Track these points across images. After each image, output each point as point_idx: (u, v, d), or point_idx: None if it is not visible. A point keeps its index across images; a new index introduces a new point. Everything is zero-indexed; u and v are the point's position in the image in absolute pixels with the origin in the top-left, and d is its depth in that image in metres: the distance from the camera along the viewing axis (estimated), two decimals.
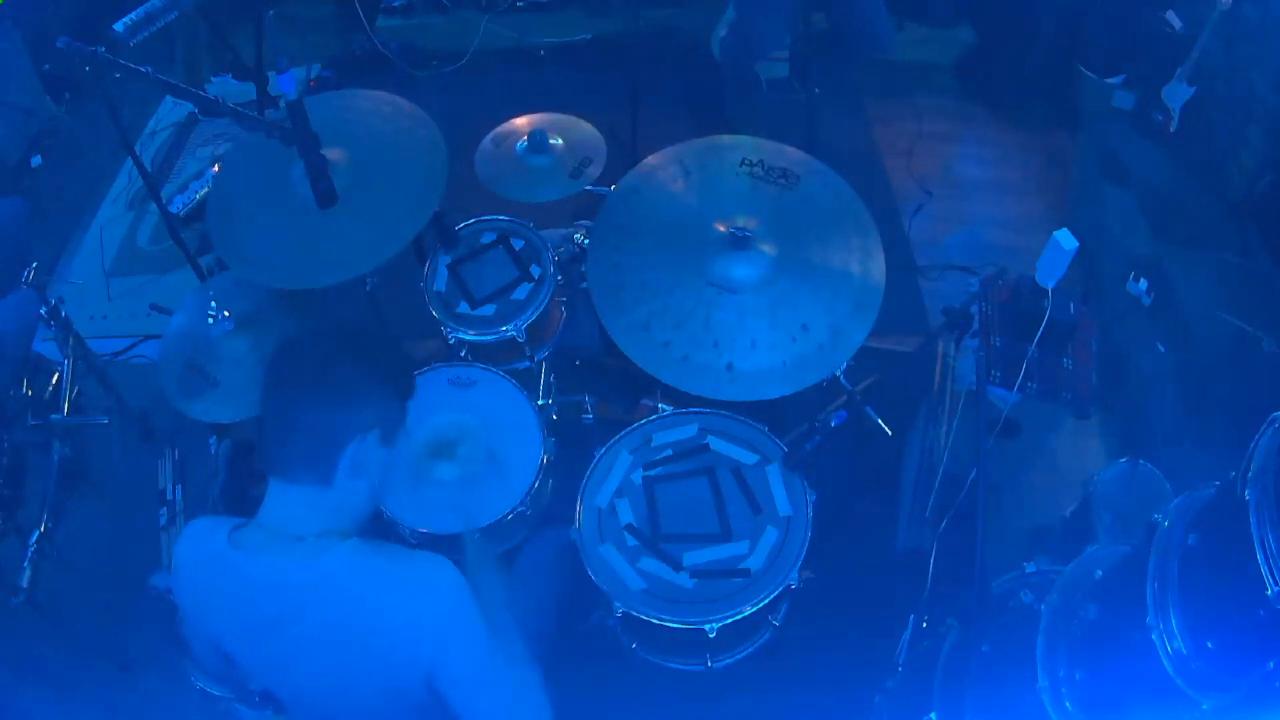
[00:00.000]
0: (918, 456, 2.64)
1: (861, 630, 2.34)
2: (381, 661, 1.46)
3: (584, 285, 2.36)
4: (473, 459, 2.18)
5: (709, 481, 2.15)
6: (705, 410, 2.24)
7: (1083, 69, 3.73)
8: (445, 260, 2.53)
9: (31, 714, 2.29)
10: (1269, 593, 1.14)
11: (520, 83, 4.26)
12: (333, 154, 2.29)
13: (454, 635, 1.45)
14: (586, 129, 2.66)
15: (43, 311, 2.66)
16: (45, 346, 2.90)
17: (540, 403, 2.38)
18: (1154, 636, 1.32)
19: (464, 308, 2.46)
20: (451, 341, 2.43)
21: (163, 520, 2.79)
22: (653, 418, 2.25)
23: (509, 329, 2.39)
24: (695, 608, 1.97)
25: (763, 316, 2.13)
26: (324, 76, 4.31)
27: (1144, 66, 3.53)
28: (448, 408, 2.26)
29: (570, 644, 2.10)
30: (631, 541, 2.07)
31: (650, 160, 2.40)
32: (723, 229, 2.21)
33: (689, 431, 2.23)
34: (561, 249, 2.55)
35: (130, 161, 2.65)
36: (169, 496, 2.83)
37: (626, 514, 2.11)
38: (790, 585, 2.01)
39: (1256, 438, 1.24)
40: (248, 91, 3.44)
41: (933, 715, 1.87)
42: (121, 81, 2.29)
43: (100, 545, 2.80)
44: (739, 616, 1.96)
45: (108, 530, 2.85)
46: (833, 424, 2.10)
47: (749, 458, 2.17)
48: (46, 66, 4.07)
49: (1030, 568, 1.97)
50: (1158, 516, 1.42)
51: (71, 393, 2.84)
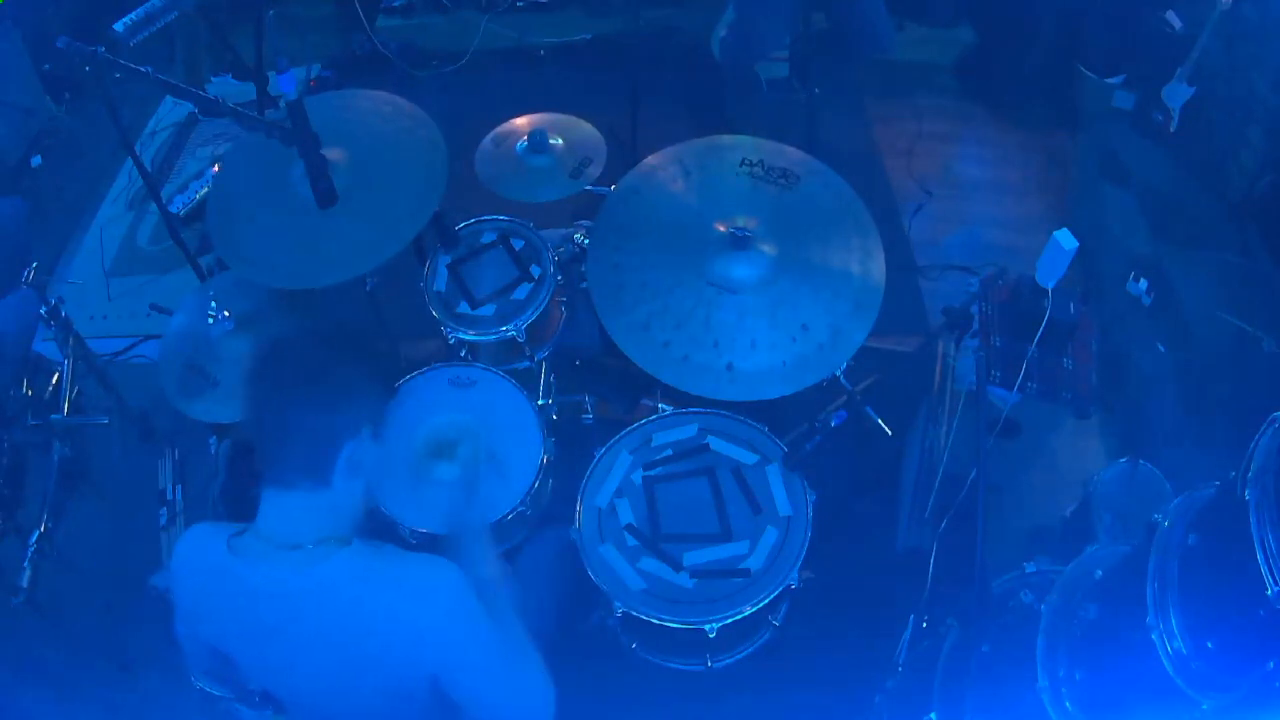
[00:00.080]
0: (918, 456, 2.64)
1: (861, 630, 2.35)
2: (383, 663, 1.46)
3: (584, 285, 2.36)
4: (473, 459, 2.18)
5: (709, 481, 2.15)
6: (705, 410, 2.24)
7: (1083, 69, 3.73)
8: (445, 260, 2.53)
9: (31, 714, 2.29)
10: (1269, 593, 1.14)
11: (520, 83, 4.25)
12: (333, 154, 2.29)
13: (457, 635, 1.45)
14: (586, 129, 2.66)
15: (43, 311, 2.66)
16: (45, 346, 2.90)
17: (540, 403, 2.38)
18: (1154, 636, 1.32)
19: (464, 308, 2.46)
20: (451, 341, 2.43)
21: (163, 520, 2.79)
22: (653, 418, 2.25)
23: (509, 329, 2.39)
24: (695, 608, 1.97)
25: (763, 316, 2.13)
26: (324, 76, 4.31)
27: (1144, 66, 3.53)
28: (448, 408, 2.26)
29: (570, 644, 2.10)
30: (631, 541, 2.07)
31: (650, 160, 2.40)
32: (723, 229, 2.21)
33: (689, 431, 2.23)
34: (561, 249, 2.55)
35: (130, 161, 2.66)
36: (169, 496, 2.84)
37: (626, 514, 2.11)
38: (790, 585, 2.01)
39: (1256, 438, 1.24)
40: (248, 91, 3.44)
41: (933, 715, 1.87)
42: (121, 81, 2.30)
43: (100, 545, 2.80)
44: (739, 616, 1.96)
45: (108, 530, 2.85)
46: (833, 424, 2.10)
47: (749, 458, 2.17)
48: (46, 66, 4.07)
49: (1030, 568, 1.97)
50: (1158, 516, 1.42)
51: (71, 393, 2.84)
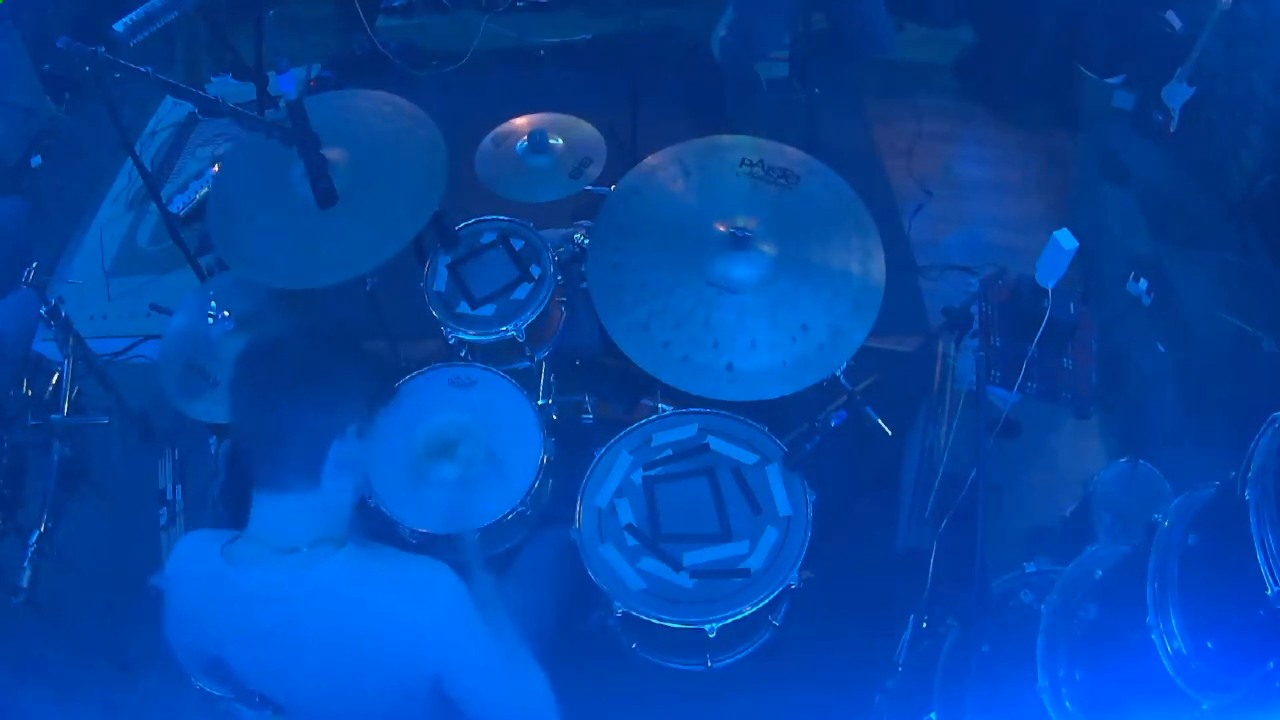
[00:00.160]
0: (918, 456, 2.64)
1: (861, 630, 2.35)
2: (383, 666, 1.46)
3: (584, 285, 2.36)
4: (473, 459, 2.18)
5: (709, 481, 2.14)
6: (705, 410, 2.24)
7: (1083, 69, 3.73)
8: (445, 260, 2.53)
9: (31, 714, 2.29)
10: (1269, 593, 1.14)
11: (520, 83, 4.25)
12: (333, 154, 2.29)
13: (455, 636, 1.45)
14: (586, 129, 2.66)
15: (43, 311, 2.66)
16: (45, 346, 2.90)
17: (540, 403, 2.38)
18: (1154, 636, 1.32)
19: (464, 308, 2.46)
20: (451, 341, 2.43)
21: (163, 520, 2.79)
22: (653, 418, 2.25)
23: (509, 329, 2.39)
24: (695, 608, 1.97)
25: (763, 316, 2.13)
26: (324, 76, 4.31)
27: (1144, 66, 3.52)
28: (448, 408, 2.26)
29: (570, 644, 2.10)
30: (631, 541, 2.07)
31: (650, 160, 2.40)
32: (723, 229, 2.21)
33: (689, 431, 2.23)
34: (561, 249, 2.55)
35: (130, 161, 2.65)
36: (169, 496, 2.84)
37: (626, 514, 2.11)
38: (790, 585, 2.01)
39: (1256, 438, 1.25)
40: (248, 91, 3.44)
41: (933, 715, 1.87)
42: (121, 81, 2.30)
43: (100, 545, 2.80)
44: (739, 616, 1.96)
45: (108, 530, 2.85)
46: (833, 424, 2.10)
47: (749, 458, 2.17)
48: (46, 66, 4.07)
49: (1030, 568, 1.97)
50: (1158, 516, 1.43)
51: (71, 393, 2.84)
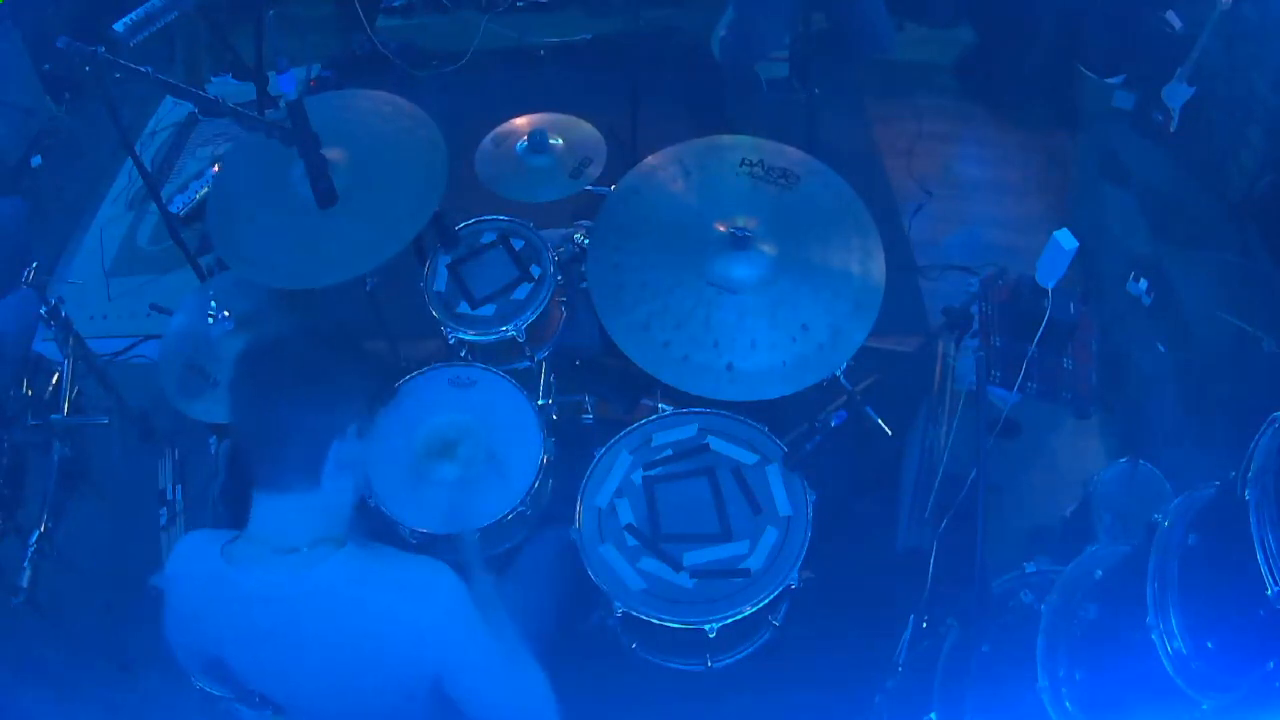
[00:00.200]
0: (918, 456, 2.64)
1: (861, 630, 2.35)
2: (383, 666, 1.46)
3: (584, 285, 2.36)
4: (473, 459, 2.18)
5: (709, 481, 2.14)
6: (705, 410, 2.24)
7: (1083, 69, 3.73)
8: (445, 260, 2.53)
9: (31, 714, 2.29)
10: (1269, 593, 1.14)
11: (520, 83, 4.25)
12: (333, 154, 2.29)
13: (455, 636, 1.45)
14: (586, 129, 2.66)
15: (43, 311, 2.66)
16: (45, 346, 2.90)
17: (540, 403, 2.38)
18: (1154, 636, 1.32)
19: (464, 308, 2.45)
20: (451, 341, 2.43)
21: (163, 520, 2.79)
22: (653, 418, 2.25)
23: (509, 329, 2.39)
24: (695, 608, 1.97)
25: (763, 316, 2.13)
26: (324, 76, 4.31)
27: (1144, 66, 3.52)
28: (448, 408, 2.26)
29: (570, 644, 2.10)
30: (631, 541, 2.07)
31: (650, 160, 2.40)
32: (723, 229, 2.21)
33: (689, 431, 2.23)
34: (561, 249, 2.55)
35: (130, 161, 2.65)
36: (169, 496, 2.84)
37: (626, 514, 2.11)
38: (790, 585, 2.01)
39: (1256, 438, 1.25)
40: (248, 91, 3.44)
41: (933, 715, 1.87)
42: (121, 81, 2.30)
43: (100, 545, 2.80)
44: (739, 616, 1.96)
45: (108, 530, 2.85)
46: (833, 424, 2.10)
47: (749, 458, 2.17)
48: (46, 66, 4.07)
49: (1030, 568, 1.97)
50: (1158, 516, 1.43)
51: (71, 393, 2.84)
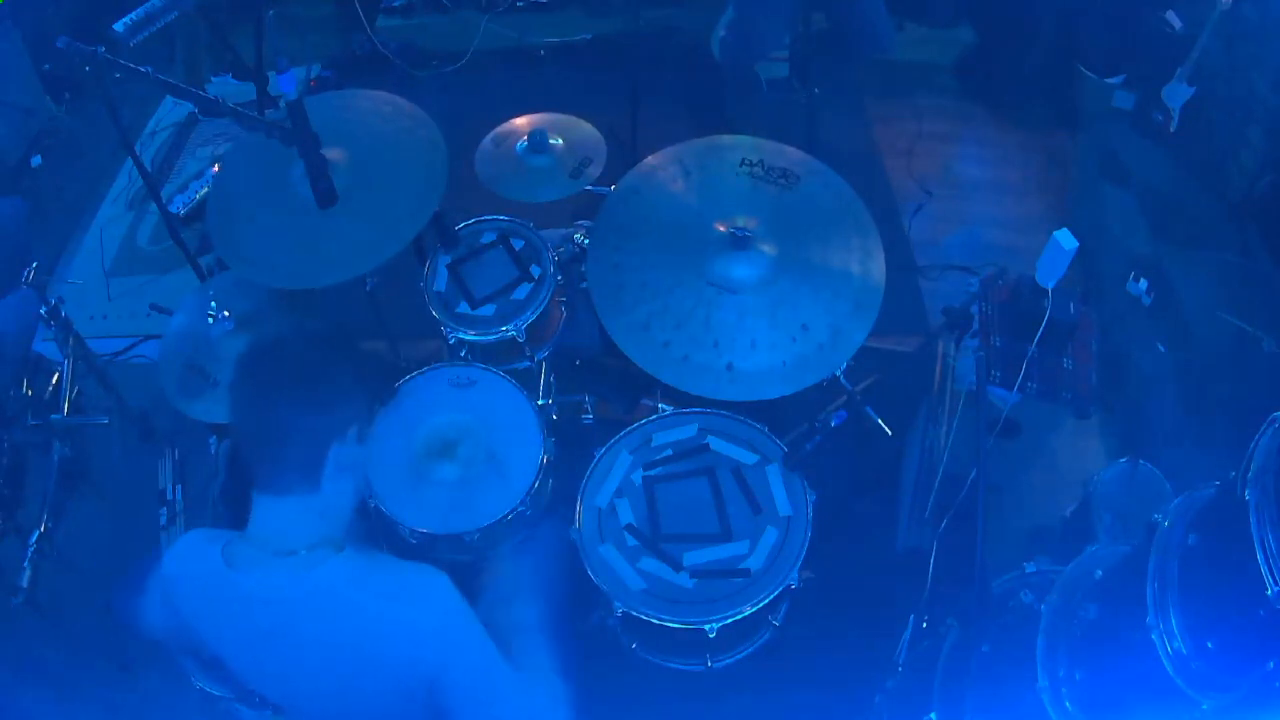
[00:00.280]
0: (918, 456, 2.64)
1: (861, 630, 2.35)
2: (381, 669, 1.45)
3: (584, 285, 2.36)
4: (473, 459, 2.18)
5: (709, 481, 2.14)
6: (705, 410, 2.24)
7: (1083, 69, 3.73)
8: (445, 260, 2.53)
9: (31, 714, 2.29)
10: (1269, 593, 1.14)
11: (520, 83, 4.25)
12: (333, 154, 2.29)
13: (453, 642, 1.45)
14: (586, 129, 2.66)
15: (43, 311, 2.66)
16: (45, 346, 2.90)
17: (540, 403, 2.38)
18: (1154, 636, 1.32)
19: (464, 308, 2.45)
20: (451, 341, 2.43)
21: (163, 520, 2.79)
22: (653, 418, 2.25)
23: (509, 329, 2.39)
24: (695, 608, 1.97)
25: (763, 316, 2.13)
26: (324, 76, 4.31)
27: (1144, 66, 3.53)
28: (448, 408, 2.26)
29: (570, 644, 2.10)
30: (631, 541, 2.07)
31: (650, 160, 2.40)
32: (723, 229, 2.21)
33: (689, 431, 2.23)
34: (561, 249, 2.55)
35: (130, 161, 2.66)
36: (169, 496, 2.84)
37: (626, 514, 2.11)
38: (790, 585, 2.01)
39: (1256, 438, 1.25)
40: (248, 91, 3.44)
41: (933, 715, 1.87)
42: (121, 81, 2.30)
43: (100, 545, 2.80)
44: (739, 616, 1.96)
45: (108, 530, 2.85)
46: (833, 424, 2.10)
47: (749, 458, 2.17)
48: (46, 66, 4.07)
49: (1030, 568, 1.97)
50: (1158, 516, 1.43)
51: (71, 393, 2.84)
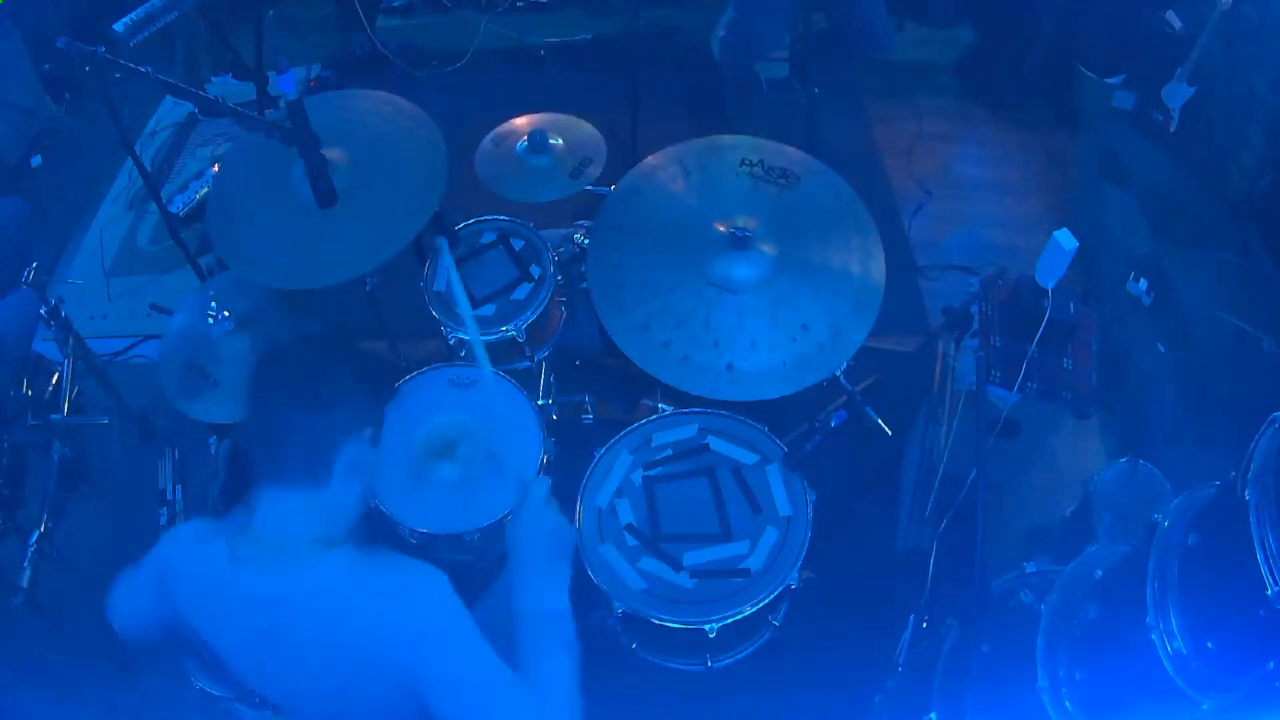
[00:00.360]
0: (918, 456, 2.64)
1: (861, 630, 2.35)
2: (380, 668, 1.45)
3: (584, 285, 2.36)
4: (473, 459, 2.18)
5: (709, 481, 2.14)
6: (705, 410, 2.24)
7: (1083, 69, 3.73)
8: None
9: (31, 714, 2.29)
10: (1269, 593, 1.14)
11: (520, 83, 4.25)
12: (333, 154, 2.29)
13: (450, 642, 1.44)
14: (586, 129, 2.66)
15: (43, 311, 2.66)
16: (45, 346, 2.90)
17: (540, 403, 2.38)
18: (1154, 636, 1.32)
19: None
20: (451, 341, 2.43)
21: (163, 520, 2.79)
22: (653, 418, 2.25)
23: (509, 329, 2.39)
24: (695, 608, 1.97)
25: (763, 316, 2.13)
26: (324, 76, 4.31)
27: (1144, 66, 3.52)
28: (448, 408, 2.26)
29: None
30: (631, 541, 2.07)
31: (650, 160, 2.40)
32: (723, 229, 2.21)
33: (689, 431, 2.23)
34: (561, 249, 2.55)
35: (130, 161, 2.65)
36: (169, 496, 2.84)
37: (626, 514, 2.11)
38: (790, 585, 2.01)
39: (1256, 438, 1.25)
40: (248, 91, 3.43)
41: (933, 715, 1.87)
42: (121, 81, 2.30)
43: (100, 545, 2.79)
44: (739, 616, 1.96)
45: (108, 530, 2.85)
46: (833, 424, 2.10)
47: (749, 458, 2.17)
48: (46, 66, 4.07)
49: (1030, 568, 1.97)
50: (1158, 516, 1.43)
51: (71, 393, 2.84)
